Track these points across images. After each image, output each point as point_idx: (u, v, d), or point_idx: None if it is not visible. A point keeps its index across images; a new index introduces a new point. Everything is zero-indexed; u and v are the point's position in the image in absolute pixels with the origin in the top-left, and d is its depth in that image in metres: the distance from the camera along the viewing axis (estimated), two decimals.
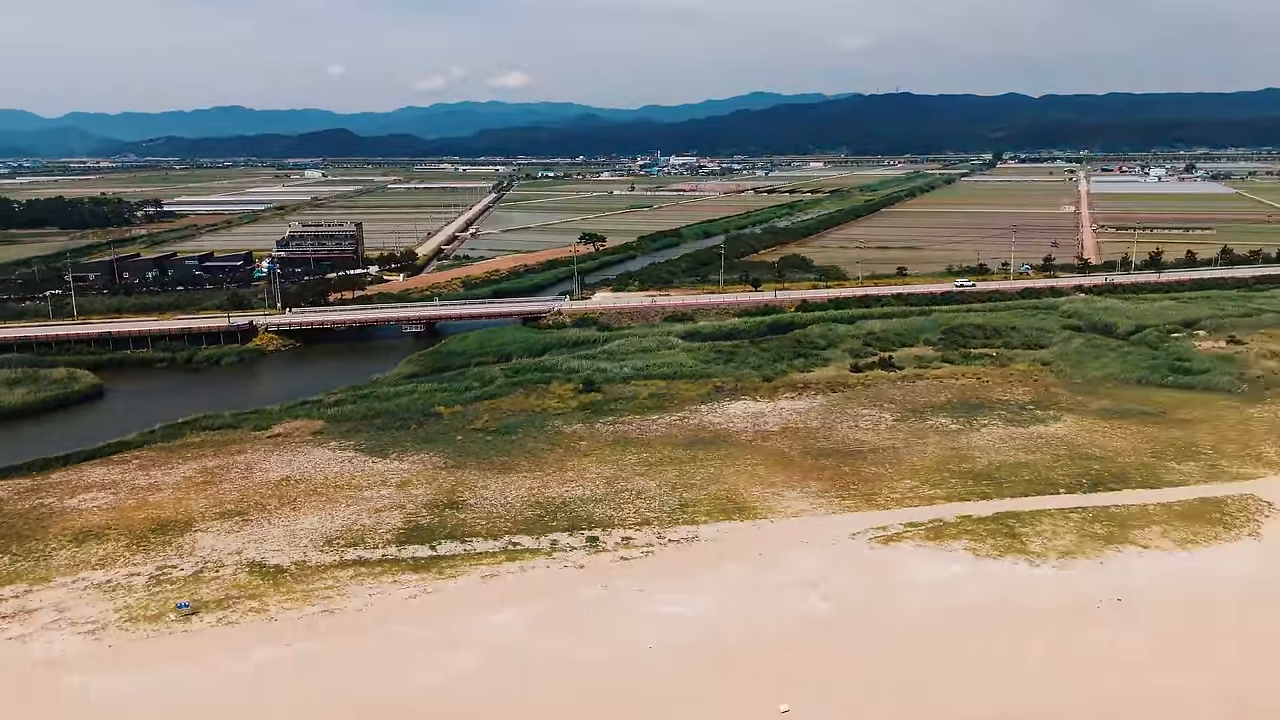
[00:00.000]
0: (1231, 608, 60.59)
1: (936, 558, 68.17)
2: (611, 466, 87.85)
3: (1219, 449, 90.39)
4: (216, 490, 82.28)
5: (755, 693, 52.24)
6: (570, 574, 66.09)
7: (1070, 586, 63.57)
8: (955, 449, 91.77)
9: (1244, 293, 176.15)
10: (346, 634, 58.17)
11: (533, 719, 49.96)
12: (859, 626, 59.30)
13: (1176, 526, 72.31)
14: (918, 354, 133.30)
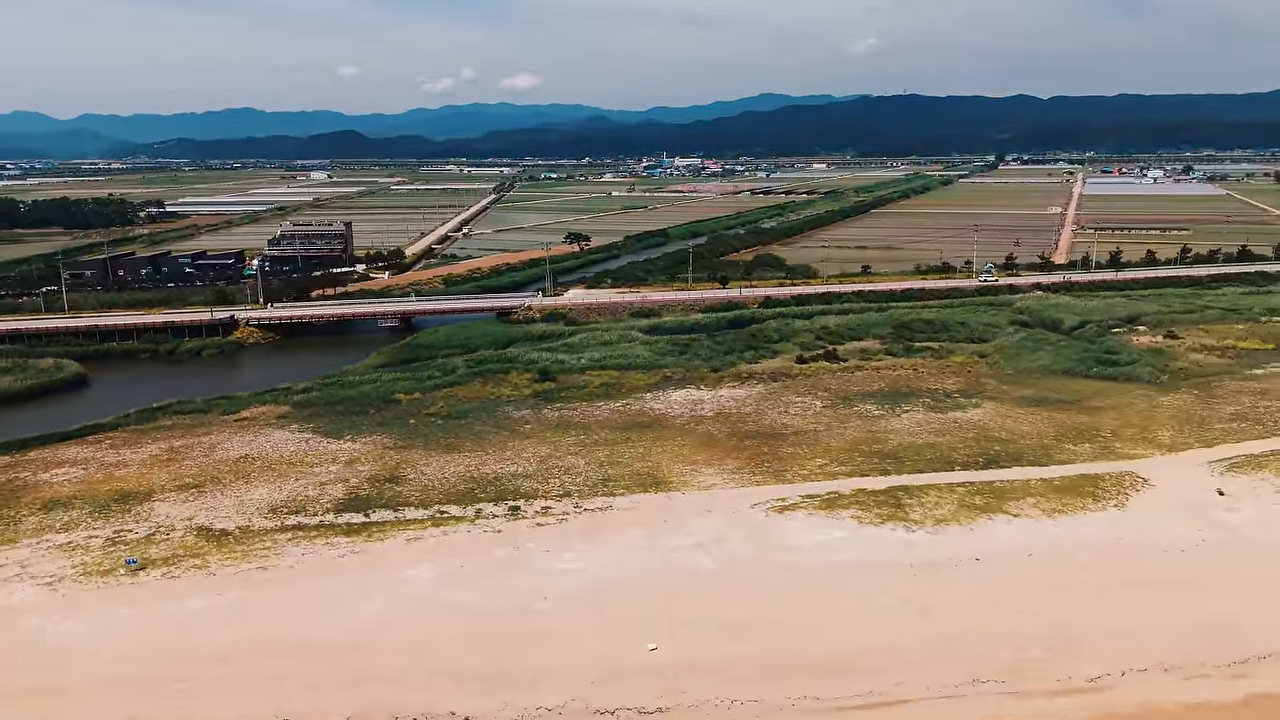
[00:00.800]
0: (1073, 565, 67.00)
1: (823, 524, 74.69)
2: (549, 447, 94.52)
3: (1118, 433, 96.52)
4: (179, 466, 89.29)
5: (629, 634, 58.86)
6: (487, 537, 72.84)
7: (937, 549, 70.03)
8: (872, 432, 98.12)
9: (1196, 290, 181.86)
10: (275, 586, 65.02)
11: (421, 652, 56.61)
12: (737, 581, 65.86)
13: (1049, 498, 78.68)
14: (864, 347, 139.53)
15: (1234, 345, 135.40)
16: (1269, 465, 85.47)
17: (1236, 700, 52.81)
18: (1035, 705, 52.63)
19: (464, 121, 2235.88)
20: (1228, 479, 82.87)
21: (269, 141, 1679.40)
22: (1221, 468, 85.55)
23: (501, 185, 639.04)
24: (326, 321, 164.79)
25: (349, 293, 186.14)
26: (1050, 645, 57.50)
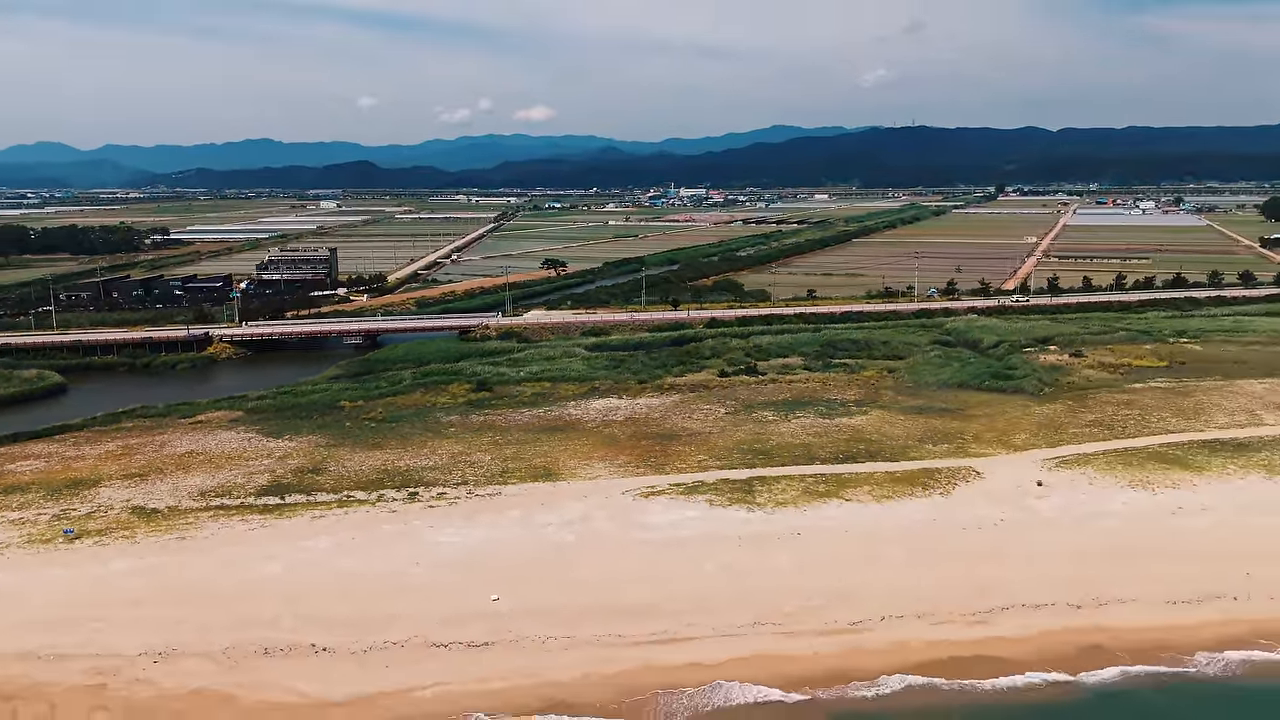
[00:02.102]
0: (880, 540, 77.47)
1: (680, 507, 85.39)
2: (463, 445, 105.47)
3: (979, 436, 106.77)
4: (129, 460, 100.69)
5: (481, 590, 69.55)
6: (382, 516, 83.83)
7: (768, 526, 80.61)
8: (758, 434, 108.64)
9: (1121, 314, 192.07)
10: (189, 552, 76.10)
11: (299, 602, 67.47)
12: (587, 550, 76.59)
13: (884, 487, 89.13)
14: (786, 363, 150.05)
15: (1130, 363, 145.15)
16: (1094, 462, 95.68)
17: (969, 639, 63.15)
18: (801, 642, 63.09)
19: (479, 153, 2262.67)
20: (1054, 473, 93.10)
21: (285, 172, 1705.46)
22: (1053, 464, 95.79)
23: (503, 214, 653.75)
24: (298, 338, 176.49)
25: (322, 313, 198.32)
26: (831, 598, 68.01)
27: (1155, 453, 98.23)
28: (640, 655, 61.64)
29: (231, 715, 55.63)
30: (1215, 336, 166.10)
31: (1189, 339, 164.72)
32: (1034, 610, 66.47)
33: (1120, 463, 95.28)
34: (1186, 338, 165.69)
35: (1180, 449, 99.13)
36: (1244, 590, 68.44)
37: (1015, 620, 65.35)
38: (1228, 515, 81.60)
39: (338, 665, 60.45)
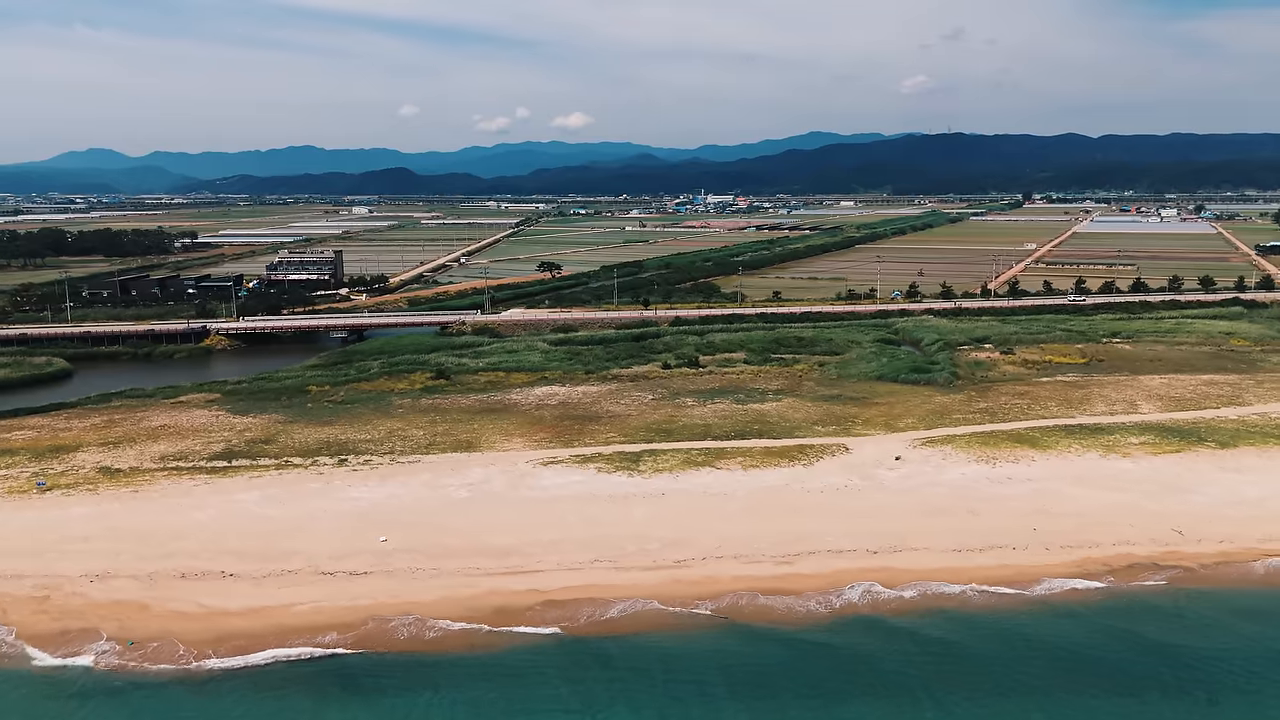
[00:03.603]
0: (729, 498, 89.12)
1: (570, 473, 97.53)
2: (403, 423, 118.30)
3: (869, 420, 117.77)
4: (109, 431, 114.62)
5: (373, 532, 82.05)
6: (310, 476, 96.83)
7: (639, 488, 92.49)
8: (671, 416, 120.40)
9: (1070, 316, 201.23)
10: (139, 502, 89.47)
11: (218, 539, 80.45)
12: (475, 505, 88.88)
13: (755, 459, 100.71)
14: (730, 357, 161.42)
15: (1051, 360, 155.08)
16: (956, 442, 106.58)
17: (771, 575, 74.66)
18: (629, 576, 74.89)
19: (515, 160, 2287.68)
20: (916, 450, 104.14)
21: (324, 178, 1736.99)
22: (920, 443, 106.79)
23: (525, 220, 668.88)
24: (291, 332, 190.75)
25: (316, 309, 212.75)
26: (667, 544, 79.83)
27: (1017, 434, 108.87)
28: (490, 583, 73.79)
29: (143, 618, 68.47)
30: (1148, 337, 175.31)
31: (1122, 339, 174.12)
32: (836, 555, 77.84)
33: (980, 442, 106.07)
34: (1120, 338, 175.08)
35: (1041, 432, 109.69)
36: (1024, 542, 79.40)
37: (816, 562, 76.74)
38: (1046, 484, 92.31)
39: (238, 586, 73.25)
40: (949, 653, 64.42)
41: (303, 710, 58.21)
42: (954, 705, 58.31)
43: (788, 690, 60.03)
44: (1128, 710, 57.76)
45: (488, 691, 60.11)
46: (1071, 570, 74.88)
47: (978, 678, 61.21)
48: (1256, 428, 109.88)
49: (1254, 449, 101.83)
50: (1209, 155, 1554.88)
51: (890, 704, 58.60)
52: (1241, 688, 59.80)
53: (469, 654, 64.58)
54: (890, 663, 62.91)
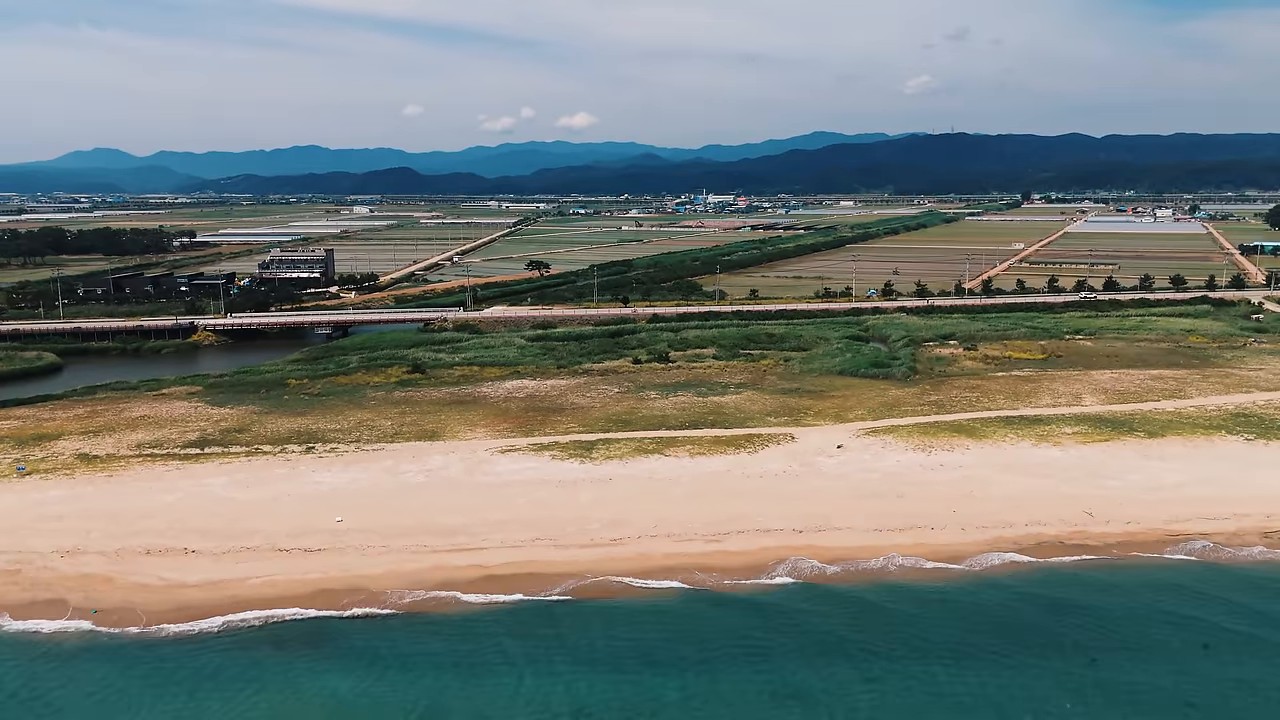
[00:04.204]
0: (673, 483, 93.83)
1: (525, 460, 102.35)
2: (373, 414, 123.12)
3: (821, 411, 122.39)
4: (90, 421, 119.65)
5: (330, 513, 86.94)
6: (277, 462, 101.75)
7: (589, 474, 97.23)
8: (632, 408, 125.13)
9: (1040, 314, 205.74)
10: (112, 486, 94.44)
11: (184, 519, 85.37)
12: (430, 489, 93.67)
13: (704, 447, 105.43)
14: (700, 353, 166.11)
15: (1011, 355, 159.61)
16: (899, 431, 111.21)
17: (700, 552, 79.38)
18: (568, 553, 79.66)
19: (519, 159, 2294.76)
20: (859, 439, 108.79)
21: (328, 178, 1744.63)
22: (865, 432, 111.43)
23: (524, 220, 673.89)
24: (278, 328, 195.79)
25: (303, 306, 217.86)
26: (606, 524, 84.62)
27: (958, 425, 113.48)
28: (436, 559, 78.62)
29: (108, 590, 73.39)
30: (1110, 334, 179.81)
31: (1085, 336, 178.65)
32: (764, 533, 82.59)
33: (921, 432, 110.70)
34: (1083, 335, 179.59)
35: (981, 423, 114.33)
36: (943, 523, 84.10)
37: (744, 540, 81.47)
38: (975, 471, 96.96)
39: (199, 562, 78.16)
40: (857, 620, 69.06)
41: (247, 670, 62.91)
42: (858, 663, 62.91)
43: (702, 652, 64.63)
44: (1012, 667, 62.31)
45: (424, 655, 64.79)
46: (980, 548, 79.54)
47: (881, 641, 65.80)
48: (1189, 419, 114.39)
49: (1181, 439, 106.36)
50: (1213, 155, 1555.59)
51: (802, 663, 63.04)
52: (1119, 649, 64.48)
53: (410, 622, 69.32)
54: (806, 628, 67.45)
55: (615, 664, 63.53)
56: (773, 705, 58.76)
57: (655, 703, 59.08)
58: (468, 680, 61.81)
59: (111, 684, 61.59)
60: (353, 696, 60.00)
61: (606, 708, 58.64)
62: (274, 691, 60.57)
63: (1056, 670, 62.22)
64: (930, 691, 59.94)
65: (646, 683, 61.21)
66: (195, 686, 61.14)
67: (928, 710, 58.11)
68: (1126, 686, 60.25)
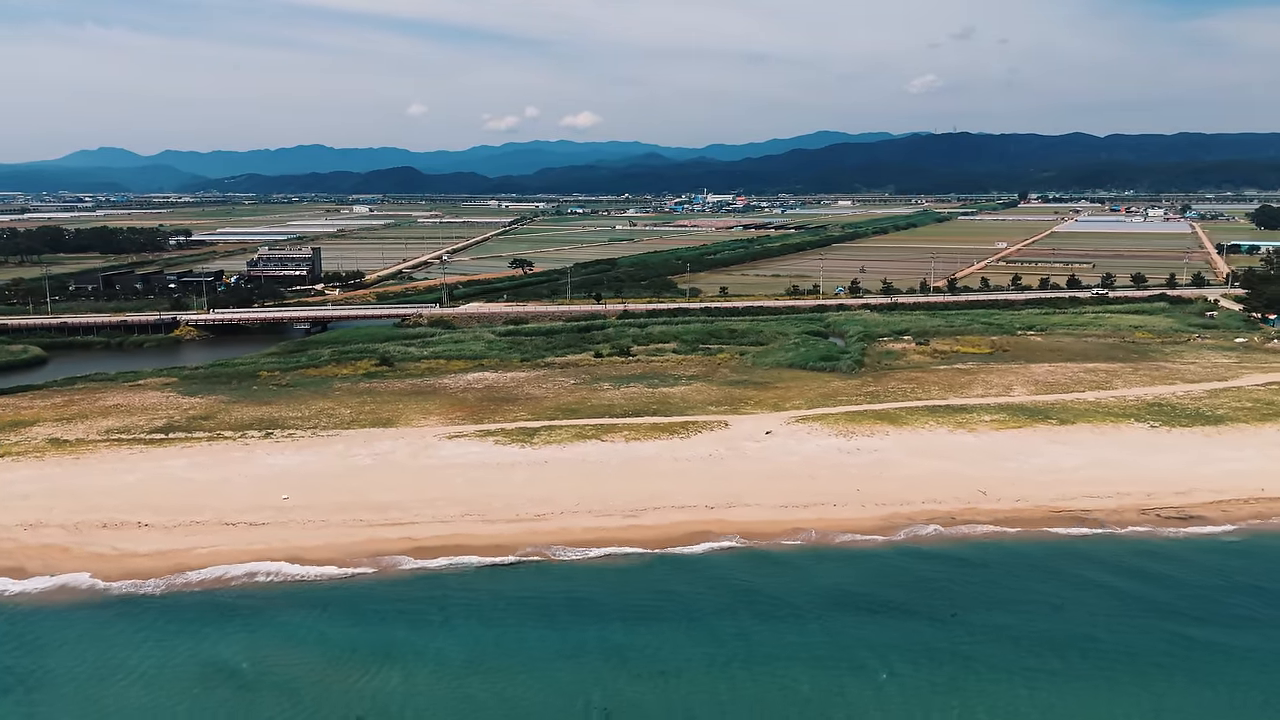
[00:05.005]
0: (603, 465, 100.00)
1: (469, 445, 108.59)
2: (335, 403, 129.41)
3: (761, 401, 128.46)
4: (65, 409, 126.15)
5: (278, 491, 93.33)
6: (236, 446, 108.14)
7: (527, 458, 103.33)
8: (584, 398, 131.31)
9: (999, 311, 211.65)
10: (78, 467, 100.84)
11: (142, 497, 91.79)
12: (375, 471, 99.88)
13: (640, 433, 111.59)
14: (662, 347, 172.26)
15: (959, 350, 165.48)
16: (827, 419, 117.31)
17: (616, 526, 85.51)
18: (493, 528, 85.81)
19: (523, 159, 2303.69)
20: (788, 426, 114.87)
21: (331, 177, 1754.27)
22: (795, 420, 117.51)
23: (519, 219, 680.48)
24: (259, 324, 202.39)
25: (285, 302, 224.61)
26: (534, 501, 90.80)
27: (884, 413, 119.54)
28: (370, 533, 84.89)
29: (64, 559, 79.73)
30: (1060, 330, 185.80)
31: (1036, 332, 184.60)
32: (678, 510, 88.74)
33: (848, 420, 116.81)
34: (1035, 331, 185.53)
35: (907, 411, 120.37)
36: (846, 500, 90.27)
37: (659, 516, 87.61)
38: (888, 454, 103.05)
39: (150, 534, 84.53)
40: (750, 586, 75.06)
41: (185, 626, 69.23)
42: (746, 624, 68.89)
43: (599, 613, 70.80)
44: (881, 627, 68.39)
45: (349, 616, 70.94)
46: (877, 524, 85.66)
47: (771, 605, 71.81)
48: (1105, 408, 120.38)
49: (1090, 426, 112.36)
50: (1216, 155, 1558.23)
51: (696, 625, 68.92)
52: (980, 608, 70.64)
53: (338, 587, 75.63)
54: (703, 595, 73.47)
55: (518, 622, 69.68)
56: (655, 654, 64.89)
57: (544, 653, 65.27)
58: (380, 634, 67.96)
59: (60, 636, 67.96)
60: (269, 647, 66.26)
61: (498, 658, 64.88)
62: (204, 642, 66.80)
63: (920, 628, 68.27)
64: (796, 640, 66.08)
65: (544, 637, 67.38)
66: (135, 638, 67.46)
67: (796, 652, 64.30)
68: (969, 641, 66.32)
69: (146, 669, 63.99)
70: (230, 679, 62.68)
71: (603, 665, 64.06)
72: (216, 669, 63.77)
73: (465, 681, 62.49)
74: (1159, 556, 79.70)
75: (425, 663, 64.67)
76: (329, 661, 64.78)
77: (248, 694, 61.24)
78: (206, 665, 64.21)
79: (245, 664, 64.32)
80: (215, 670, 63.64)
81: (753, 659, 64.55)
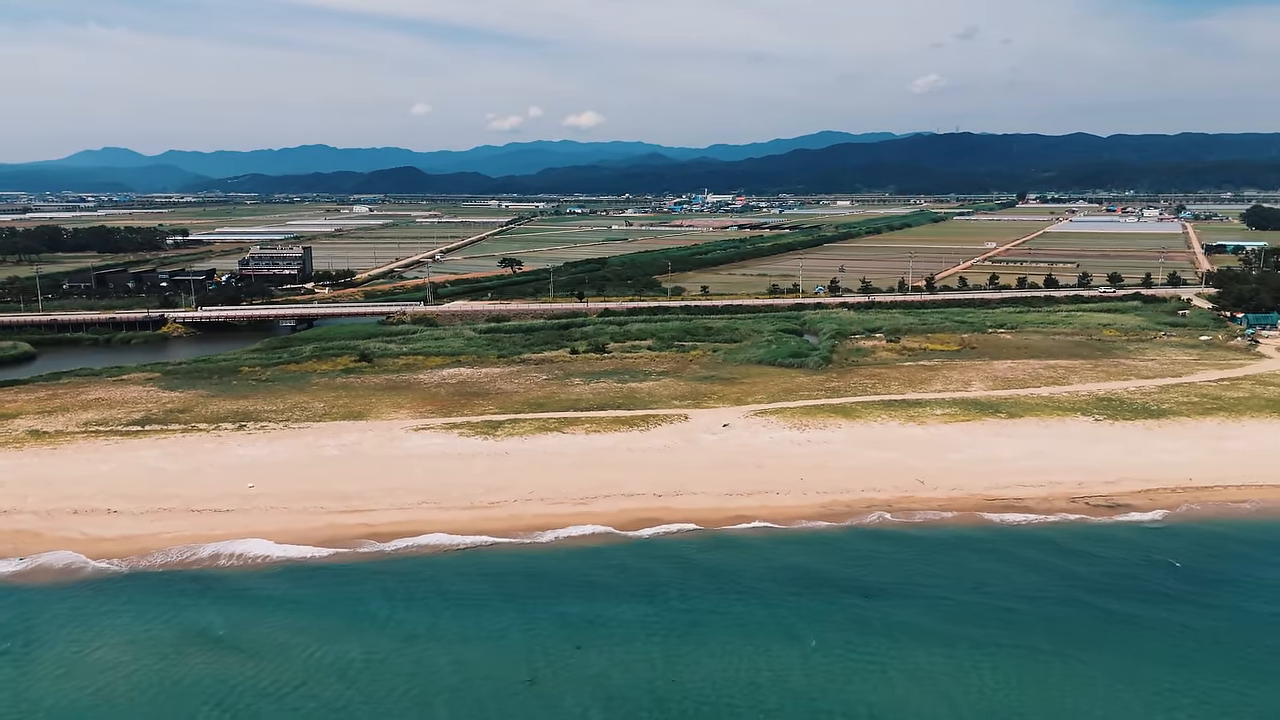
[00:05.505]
0: (560, 455, 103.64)
1: (434, 436, 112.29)
2: (310, 397, 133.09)
3: (724, 395, 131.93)
4: (49, 402, 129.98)
5: (244, 480, 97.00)
6: (209, 438, 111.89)
7: (488, 449, 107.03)
8: (553, 393, 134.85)
9: (974, 309, 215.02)
10: (54, 456, 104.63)
11: (113, 484, 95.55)
12: (340, 461, 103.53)
13: (602, 426, 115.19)
14: (637, 344, 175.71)
15: (928, 347, 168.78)
16: (785, 413, 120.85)
17: (568, 513, 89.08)
18: (448, 514, 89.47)
19: (525, 159, 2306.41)
20: (746, 420, 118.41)
21: (333, 177, 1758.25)
22: (753, 414, 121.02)
23: (517, 219, 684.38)
24: (246, 321, 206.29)
25: (273, 300, 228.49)
26: (490, 489, 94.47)
27: (840, 407, 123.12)
28: (329, 519, 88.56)
29: (36, 543, 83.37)
30: (1030, 328, 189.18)
31: (1007, 330, 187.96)
32: (627, 498, 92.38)
33: (804, 413, 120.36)
34: (1005, 329, 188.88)
35: (863, 406, 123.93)
36: (789, 488, 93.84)
37: (608, 503, 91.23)
38: (837, 446, 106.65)
39: (119, 520, 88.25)
40: (690, 566, 78.73)
41: (144, 602, 72.97)
42: (686, 600, 72.69)
43: (551, 591, 74.43)
44: (815, 601, 72.03)
45: (304, 592, 74.64)
46: (815, 510, 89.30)
47: (709, 582, 75.53)
48: (1055, 403, 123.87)
49: (1036, 419, 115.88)
50: (1217, 155, 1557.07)
51: (653, 603, 72.61)
52: (909, 585, 74.51)
53: (295, 567, 79.32)
54: (641, 575, 77.04)
55: (460, 602, 73.36)
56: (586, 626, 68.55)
57: (481, 627, 68.96)
58: (330, 608, 71.66)
59: (25, 610, 71.75)
60: (227, 622, 70.01)
61: (448, 632, 68.61)
62: (157, 621, 70.55)
63: (838, 603, 71.87)
64: (732, 622, 69.65)
65: (485, 614, 71.06)
66: (97, 615, 71.26)
67: (724, 628, 67.98)
68: (895, 613, 69.99)
69: (105, 640, 67.72)
70: (177, 648, 66.43)
71: (527, 639, 67.67)
72: (169, 640, 67.62)
73: (393, 650, 66.14)
74: (1083, 539, 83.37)
75: (365, 635, 68.29)
76: (279, 630, 68.65)
77: (191, 659, 64.85)
78: (159, 637, 68.10)
79: (198, 635, 68.23)
80: (166, 641, 67.49)
81: (690, 631, 68.13)
